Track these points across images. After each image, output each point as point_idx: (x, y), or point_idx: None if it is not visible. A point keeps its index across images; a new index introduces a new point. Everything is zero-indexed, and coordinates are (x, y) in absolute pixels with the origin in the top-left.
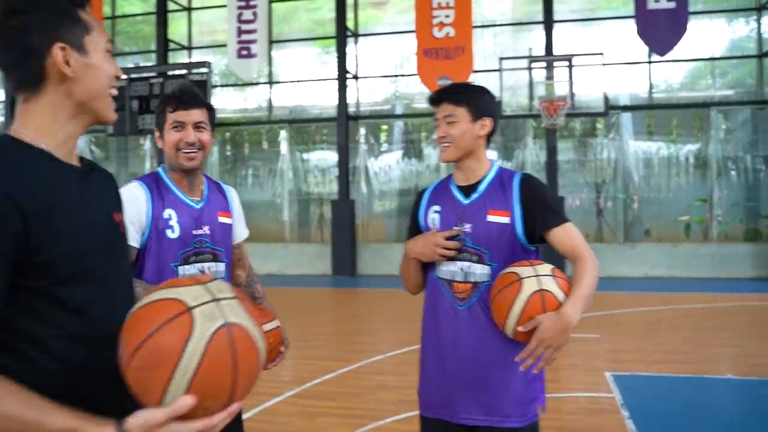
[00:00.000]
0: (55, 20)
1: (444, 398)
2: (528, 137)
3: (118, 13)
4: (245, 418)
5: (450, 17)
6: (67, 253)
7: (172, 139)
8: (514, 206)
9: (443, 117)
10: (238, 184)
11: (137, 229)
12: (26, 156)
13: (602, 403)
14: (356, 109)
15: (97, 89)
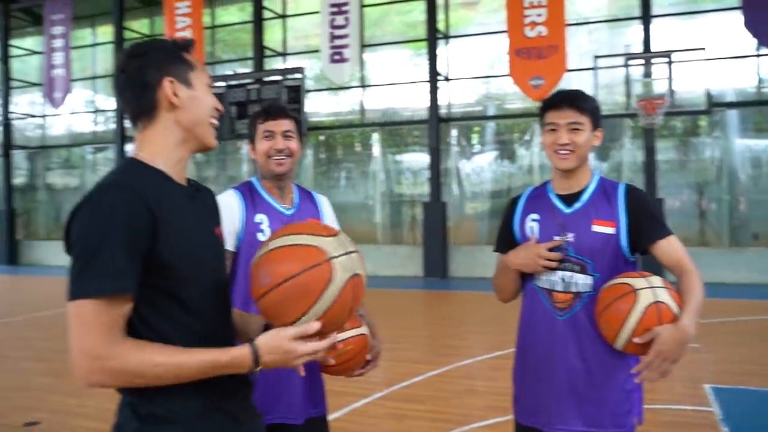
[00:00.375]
0: (166, 59)
1: (540, 406)
2: (625, 137)
3: (218, 22)
4: (333, 418)
5: (542, 16)
6: (183, 257)
7: (263, 147)
8: (620, 217)
9: (566, 123)
10: (331, 187)
11: (232, 233)
12: (150, 173)
13: (699, 417)
14: (447, 111)
15: (200, 117)
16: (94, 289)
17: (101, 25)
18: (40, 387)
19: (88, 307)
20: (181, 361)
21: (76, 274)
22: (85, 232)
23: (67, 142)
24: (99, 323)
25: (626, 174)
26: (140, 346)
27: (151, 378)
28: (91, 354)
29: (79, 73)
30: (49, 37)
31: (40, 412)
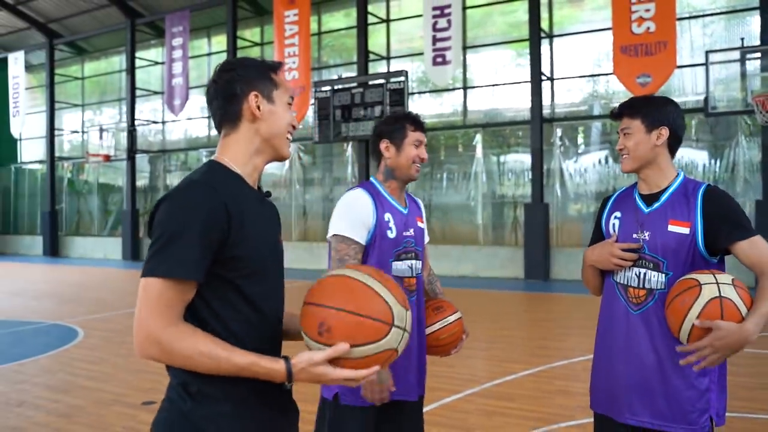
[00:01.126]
0: (254, 76)
1: (612, 396)
2: (740, 135)
3: (324, 28)
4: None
5: (650, 11)
6: (251, 254)
7: (411, 153)
8: (696, 217)
9: (621, 130)
10: (434, 188)
11: (364, 227)
12: (228, 175)
13: None
14: (551, 111)
15: (277, 130)
16: (164, 271)
17: (216, 35)
18: (156, 371)
19: (155, 286)
20: (223, 356)
21: (152, 255)
22: (166, 220)
23: (184, 145)
24: (161, 302)
25: (741, 174)
26: (191, 334)
27: (193, 364)
28: (147, 329)
29: (195, 81)
30: (170, 48)
31: (156, 393)
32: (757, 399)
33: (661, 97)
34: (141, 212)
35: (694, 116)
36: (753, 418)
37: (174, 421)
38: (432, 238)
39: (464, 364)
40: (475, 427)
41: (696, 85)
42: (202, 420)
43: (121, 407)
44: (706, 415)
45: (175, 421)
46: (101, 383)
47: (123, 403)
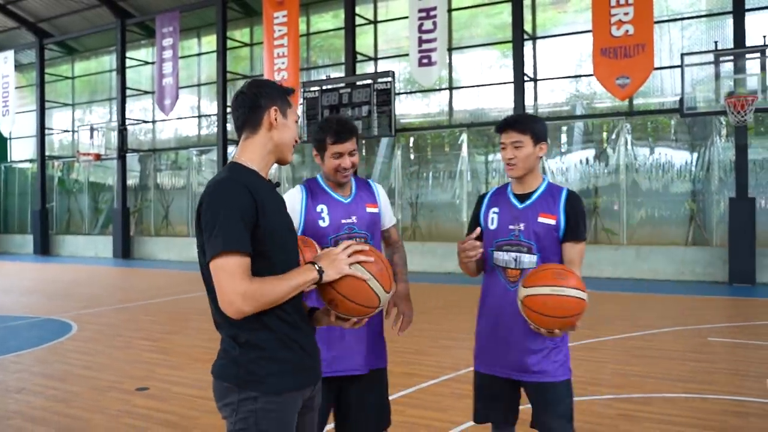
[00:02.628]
0: (276, 95)
1: (495, 358)
2: (715, 135)
3: (312, 29)
4: (402, 395)
5: (629, 14)
6: (275, 228)
7: (332, 165)
8: (560, 213)
9: (511, 142)
10: (420, 186)
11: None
12: (248, 172)
13: (753, 407)
14: (534, 111)
15: (287, 140)
16: (231, 245)
17: (206, 35)
18: (149, 361)
19: (232, 260)
20: (292, 284)
21: (214, 238)
22: (214, 210)
23: (175, 145)
24: (241, 270)
25: (716, 173)
26: (263, 280)
27: (279, 297)
28: (241, 292)
29: (185, 80)
30: (160, 48)
31: (149, 380)
32: (715, 382)
33: (539, 117)
34: (132, 210)
35: (671, 117)
36: (711, 399)
37: (227, 365)
38: (418, 236)
39: (446, 353)
40: (448, 408)
41: (674, 86)
42: (249, 363)
43: (117, 393)
44: (565, 367)
45: (228, 365)
46: (96, 372)
47: (118, 389)
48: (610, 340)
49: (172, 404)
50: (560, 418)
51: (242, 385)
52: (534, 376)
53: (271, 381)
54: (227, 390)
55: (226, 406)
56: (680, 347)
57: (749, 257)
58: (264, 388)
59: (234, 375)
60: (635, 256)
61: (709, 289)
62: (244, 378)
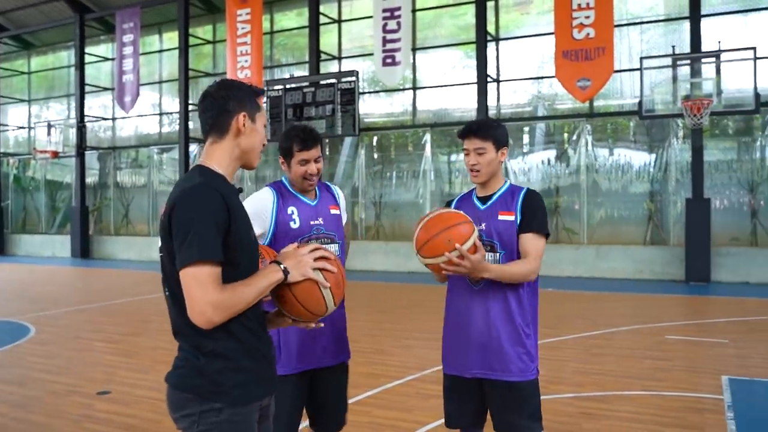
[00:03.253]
0: (245, 99)
1: (461, 358)
2: (673, 137)
3: (276, 27)
4: (368, 395)
5: (590, 18)
6: (242, 235)
7: (299, 171)
8: (518, 210)
9: (474, 149)
10: (384, 186)
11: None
12: (217, 177)
13: (708, 403)
14: (497, 112)
15: (254, 145)
16: (203, 255)
17: (167, 31)
18: (110, 364)
19: (204, 269)
20: (260, 285)
21: (187, 247)
22: (186, 219)
23: (135, 142)
24: (212, 279)
25: (674, 174)
26: (234, 287)
27: (244, 303)
28: (212, 302)
29: (146, 77)
30: (120, 44)
31: (110, 384)
32: (673, 379)
33: (500, 122)
34: (91, 209)
35: (630, 118)
36: (668, 396)
37: (188, 375)
38: (382, 235)
39: (410, 353)
40: (413, 408)
41: (633, 88)
42: (215, 373)
43: (77, 397)
44: (533, 365)
45: (190, 374)
46: (56, 376)
47: (79, 394)
48: (571, 339)
49: (134, 408)
50: (528, 418)
51: (206, 396)
52: (502, 375)
53: (237, 392)
54: (187, 401)
55: (184, 417)
56: (639, 345)
57: (704, 256)
58: (230, 399)
59: (197, 385)
60: (595, 256)
61: (666, 288)
62: (208, 389)
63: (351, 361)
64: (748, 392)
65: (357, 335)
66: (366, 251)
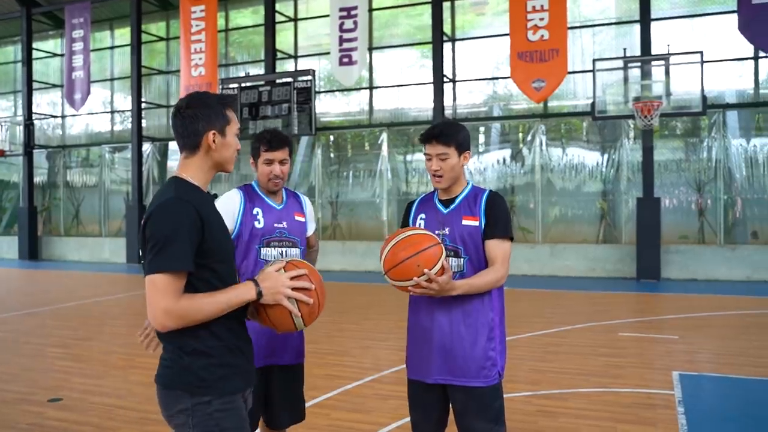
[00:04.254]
0: (213, 116)
1: (423, 364)
2: (625, 137)
3: (231, 25)
4: (327, 397)
5: (544, 20)
6: (218, 243)
7: (264, 171)
8: (481, 214)
9: (437, 154)
10: (341, 185)
11: (231, 218)
12: (193, 188)
13: (660, 399)
14: (453, 112)
15: (226, 158)
16: (169, 266)
17: (119, 27)
18: (62, 369)
19: (163, 279)
20: (222, 299)
21: (156, 255)
22: (162, 228)
23: (86, 141)
24: (170, 290)
25: (625, 173)
26: (192, 297)
27: (205, 314)
28: (164, 309)
29: (98, 74)
30: (70, 40)
31: (62, 390)
32: (625, 376)
33: (462, 125)
34: (39, 209)
35: (584, 119)
36: (622, 392)
37: (176, 373)
38: (338, 234)
39: (368, 354)
40: (372, 409)
41: (586, 90)
42: (200, 369)
43: (27, 405)
44: (495, 369)
45: (176, 372)
46: (4, 383)
47: (29, 402)
48: (527, 338)
49: (88, 415)
50: (490, 421)
51: (194, 391)
52: (464, 380)
53: (221, 384)
54: (178, 397)
55: (180, 413)
56: (593, 343)
57: (655, 254)
58: (216, 391)
59: (185, 382)
60: (549, 254)
61: (618, 285)
62: (195, 384)
63: (309, 363)
64: (697, 387)
65: (316, 336)
66: (323, 251)
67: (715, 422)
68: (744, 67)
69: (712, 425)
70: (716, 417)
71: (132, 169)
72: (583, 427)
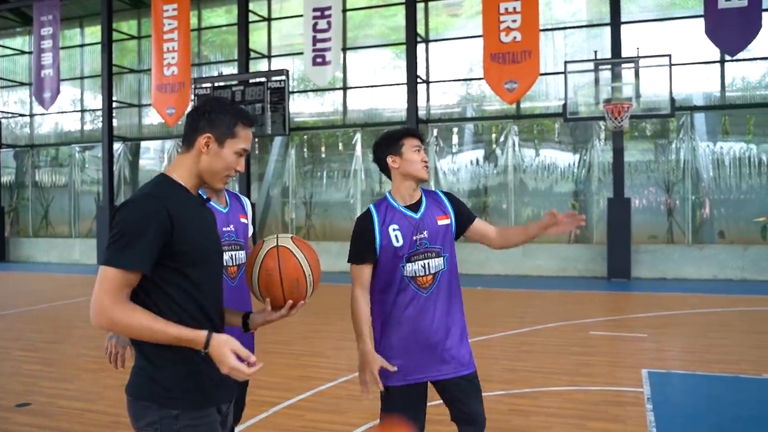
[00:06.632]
0: (218, 122)
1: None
2: (595, 138)
3: (204, 24)
4: (302, 398)
5: (517, 22)
6: (193, 247)
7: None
8: (450, 211)
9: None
10: (314, 185)
11: None
12: (175, 187)
13: (629, 396)
14: (427, 112)
15: (215, 169)
16: (120, 263)
17: (90, 25)
18: (30, 374)
19: (111, 273)
20: (158, 328)
21: (111, 248)
22: (124, 223)
23: (55, 140)
24: (113, 286)
25: (596, 174)
26: (134, 310)
27: (133, 333)
28: (101, 305)
29: (67, 72)
30: (39, 37)
31: (31, 395)
32: (596, 374)
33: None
34: (7, 210)
35: (555, 120)
36: (592, 390)
37: (143, 383)
38: (312, 235)
39: (341, 354)
40: (346, 410)
41: (558, 91)
42: (167, 380)
43: None
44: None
45: (145, 382)
46: None
47: None
48: (500, 337)
49: (57, 420)
50: (481, 403)
51: (162, 403)
52: (460, 370)
53: (190, 397)
54: (146, 409)
55: (149, 426)
56: (564, 341)
57: (625, 254)
58: (184, 404)
59: (153, 392)
60: (522, 254)
61: (589, 285)
62: (162, 395)
63: (283, 364)
64: (666, 384)
65: (290, 337)
66: None
67: (682, 418)
68: (711, 71)
69: (680, 421)
70: (684, 413)
71: (103, 169)
72: (555, 425)
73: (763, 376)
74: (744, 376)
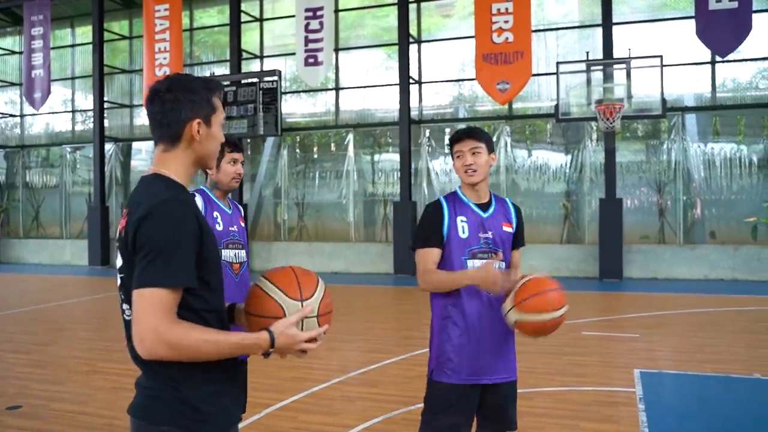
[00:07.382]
0: (197, 103)
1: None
2: (588, 139)
3: (197, 24)
4: (293, 400)
5: (509, 23)
6: (212, 252)
7: (230, 170)
8: (514, 222)
9: (469, 149)
10: (307, 186)
11: None
12: (182, 187)
13: (622, 396)
14: (419, 113)
15: (211, 151)
16: (167, 282)
17: (81, 25)
18: (21, 376)
19: (158, 295)
20: (220, 339)
21: (150, 267)
22: (156, 237)
23: (46, 141)
24: (164, 308)
25: (588, 175)
26: (192, 327)
27: (199, 352)
28: (155, 332)
29: (58, 72)
30: (29, 37)
31: (23, 398)
32: (588, 374)
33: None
34: None
35: (548, 121)
36: (584, 391)
37: (163, 406)
38: (305, 236)
39: (334, 356)
40: (339, 411)
41: (550, 92)
42: (199, 401)
43: None
44: None
45: (170, 405)
46: None
47: None
48: None
49: (49, 423)
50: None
51: (185, 426)
52: (511, 375)
53: (219, 417)
54: None
55: None
56: (558, 342)
57: (617, 254)
58: (213, 427)
59: (175, 415)
60: None
61: (581, 285)
62: (191, 418)
63: (276, 366)
64: (658, 384)
65: None
66: (289, 252)
67: (674, 418)
68: (702, 72)
69: (672, 421)
70: (676, 413)
71: (94, 170)
72: (547, 425)
73: (754, 375)
74: (735, 376)
